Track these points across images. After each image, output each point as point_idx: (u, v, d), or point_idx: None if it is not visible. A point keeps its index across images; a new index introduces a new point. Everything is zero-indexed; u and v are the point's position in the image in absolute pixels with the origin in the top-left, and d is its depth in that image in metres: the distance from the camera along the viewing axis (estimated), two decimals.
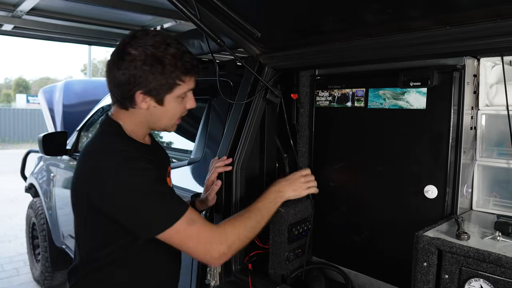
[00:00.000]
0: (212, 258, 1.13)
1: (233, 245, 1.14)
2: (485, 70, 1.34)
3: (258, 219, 1.24)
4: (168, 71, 1.11)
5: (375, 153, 1.49)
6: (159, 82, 1.12)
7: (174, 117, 1.23)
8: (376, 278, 1.50)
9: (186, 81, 1.17)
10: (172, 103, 1.18)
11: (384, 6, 1.22)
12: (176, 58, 1.12)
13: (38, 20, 2.96)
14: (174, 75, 1.13)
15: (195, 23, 1.39)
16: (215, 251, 1.12)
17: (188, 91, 1.21)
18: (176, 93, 1.16)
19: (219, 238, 1.12)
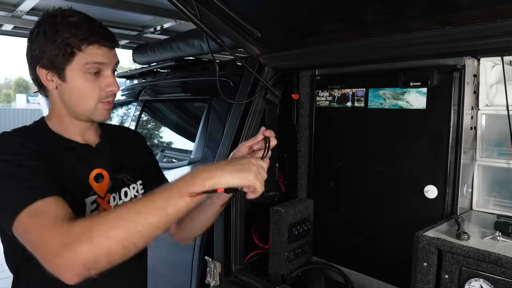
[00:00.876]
0: (55, 265, 0.76)
1: (79, 245, 0.75)
2: (485, 70, 1.34)
3: (147, 213, 0.80)
4: (63, 38, 1.00)
5: (375, 153, 1.49)
6: (54, 51, 1.01)
7: (89, 98, 1.04)
8: (376, 278, 1.50)
9: (87, 51, 1.01)
10: (79, 78, 1.03)
11: (384, 6, 1.22)
12: (73, 26, 1.01)
13: None
14: (70, 41, 1.00)
15: (195, 23, 1.39)
16: (54, 253, 0.76)
17: (95, 65, 1.03)
18: (77, 65, 1.01)
19: (58, 233, 0.77)
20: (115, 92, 1.08)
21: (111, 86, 1.06)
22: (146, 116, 2.94)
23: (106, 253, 0.76)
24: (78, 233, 0.76)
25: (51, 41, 1.01)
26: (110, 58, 1.05)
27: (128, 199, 1.15)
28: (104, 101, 1.07)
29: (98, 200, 1.07)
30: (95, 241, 0.75)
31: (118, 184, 1.14)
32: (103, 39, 1.04)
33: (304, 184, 1.73)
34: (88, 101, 1.05)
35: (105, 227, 0.77)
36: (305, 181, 1.73)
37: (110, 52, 1.05)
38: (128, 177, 1.18)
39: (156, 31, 3.10)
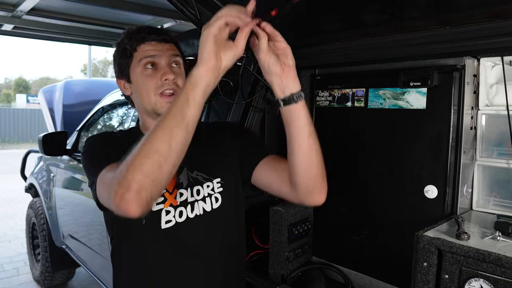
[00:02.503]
0: (113, 205, 0.85)
1: (120, 175, 0.83)
2: (485, 70, 1.34)
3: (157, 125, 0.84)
4: (123, 45, 1.17)
5: (375, 153, 1.49)
6: (119, 60, 1.19)
7: (148, 90, 1.13)
8: (376, 278, 1.50)
9: (139, 49, 1.15)
10: (138, 75, 1.16)
11: (384, 6, 1.22)
12: (131, 34, 1.17)
13: (38, 20, 2.96)
14: (127, 45, 1.16)
15: (195, 23, 1.39)
16: (110, 194, 0.86)
17: (148, 58, 1.14)
18: (135, 64, 1.16)
19: (110, 177, 0.90)
20: (171, 80, 1.12)
21: (166, 74, 1.12)
22: None
23: (140, 170, 0.81)
24: (121, 168, 0.85)
25: (117, 53, 1.20)
26: (161, 50, 1.15)
27: (201, 197, 1.17)
28: (163, 94, 1.13)
29: (166, 194, 1.13)
30: (130, 166, 0.82)
31: (191, 182, 1.18)
32: (150, 34, 1.15)
33: None
34: (148, 94, 1.14)
35: (134, 152, 0.84)
36: None
37: (160, 45, 1.15)
38: (204, 175, 1.20)
39: None
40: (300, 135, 1.02)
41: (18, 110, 20.21)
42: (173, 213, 1.13)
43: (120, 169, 0.85)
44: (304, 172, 1.07)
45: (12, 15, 2.79)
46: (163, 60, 1.15)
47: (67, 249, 3.40)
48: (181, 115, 0.83)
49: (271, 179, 1.18)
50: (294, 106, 0.98)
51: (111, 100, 3.13)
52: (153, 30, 1.18)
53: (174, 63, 1.17)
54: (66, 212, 3.26)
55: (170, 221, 1.12)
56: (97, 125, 3.33)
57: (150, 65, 1.14)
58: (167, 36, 1.19)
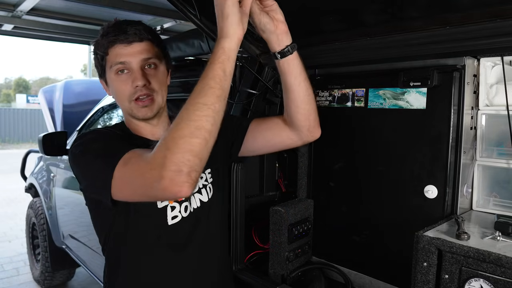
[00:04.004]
0: (161, 190, 0.83)
1: (164, 160, 0.81)
2: (485, 70, 1.34)
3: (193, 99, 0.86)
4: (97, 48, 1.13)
5: (375, 153, 1.49)
6: (96, 62, 1.16)
7: (122, 97, 1.12)
8: (376, 278, 1.50)
9: (110, 52, 1.10)
10: (113, 81, 1.12)
11: (384, 6, 1.22)
12: (104, 35, 1.11)
13: (38, 20, 2.96)
14: (100, 48, 1.12)
15: (195, 23, 1.39)
16: (153, 180, 0.83)
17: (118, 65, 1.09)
18: (108, 68, 1.12)
19: (146, 164, 0.86)
20: (141, 86, 1.09)
21: (135, 81, 1.09)
22: None
23: (187, 150, 0.80)
24: (159, 152, 0.83)
25: (94, 53, 1.15)
26: (130, 54, 1.09)
27: (197, 189, 1.19)
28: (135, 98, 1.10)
29: None
30: (173, 147, 0.81)
31: None
32: (118, 37, 1.08)
33: (304, 184, 1.73)
34: (122, 100, 1.13)
35: (174, 132, 0.82)
36: (305, 181, 1.73)
37: (130, 48, 1.09)
38: None
39: (156, 31, 3.10)
40: (297, 81, 1.14)
41: (18, 110, 20.21)
42: (179, 208, 1.14)
43: (161, 153, 0.82)
44: (305, 116, 1.19)
45: (12, 15, 2.79)
46: (134, 65, 1.10)
47: (67, 249, 3.40)
48: (221, 88, 0.86)
49: (267, 137, 1.28)
50: (290, 56, 1.11)
51: (111, 100, 3.13)
52: (121, 30, 1.08)
53: (147, 64, 1.12)
54: (66, 212, 3.26)
55: (176, 217, 1.14)
56: (97, 125, 3.33)
57: (121, 71, 1.10)
58: (139, 34, 1.10)
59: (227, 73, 0.87)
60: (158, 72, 1.15)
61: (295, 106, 1.18)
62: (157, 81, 1.13)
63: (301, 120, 1.20)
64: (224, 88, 0.87)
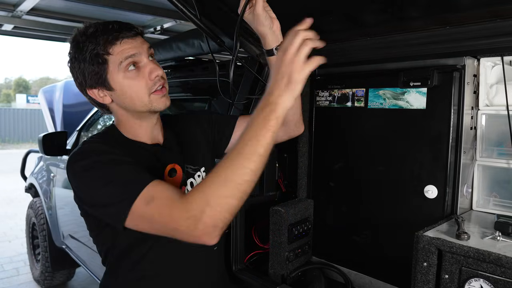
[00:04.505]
0: (192, 237, 0.86)
1: (203, 214, 0.83)
2: (485, 70, 1.34)
3: (241, 163, 0.85)
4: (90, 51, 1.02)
5: (375, 153, 1.49)
6: (89, 68, 1.04)
7: (140, 93, 1.06)
8: (376, 278, 1.50)
9: (114, 51, 1.03)
10: (122, 80, 1.05)
11: (384, 6, 1.22)
12: (93, 36, 1.02)
13: (38, 20, 2.96)
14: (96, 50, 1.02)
15: (195, 23, 1.39)
16: (185, 228, 0.85)
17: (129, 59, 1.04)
18: (114, 68, 1.04)
19: (180, 211, 0.86)
20: (160, 75, 1.07)
21: (153, 71, 1.06)
22: None
23: (226, 209, 0.84)
24: (198, 204, 0.84)
25: (83, 60, 1.04)
26: (138, 46, 1.05)
27: None
28: (155, 91, 1.07)
29: None
30: (214, 205, 0.83)
31: (188, 176, 1.21)
32: (121, 32, 1.03)
33: (304, 184, 1.73)
34: (141, 97, 1.07)
35: (217, 190, 0.84)
36: (305, 181, 1.73)
37: (135, 41, 1.05)
38: (192, 167, 1.23)
39: (156, 31, 3.10)
40: None
41: (18, 110, 20.20)
42: None
43: (199, 207, 0.83)
44: (293, 111, 1.27)
45: (12, 15, 2.79)
46: (144, 57, 1.06)
47: (67, 249, 3.40)
48: (266, 156, 0.87)
49: None
50: None
51: None
52: (122, 25, 1.04)
53: (150, 56, 1.09)
54: (66, 212, 3.26)
55: None
56: (97, 125, 3.33)
57: (133, 65, 1.05)
58: (136, 29, 1.07)
59: (273, 141, 0.89)
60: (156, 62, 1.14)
61: None
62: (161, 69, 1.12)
63: (290, 115, 1.27)
64: (271, 141, 0.88)
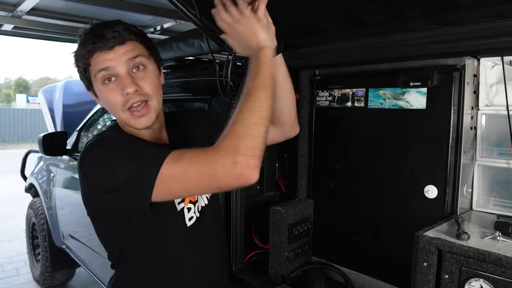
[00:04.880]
0: (233, 177, 0.87)
1: (238, 148, 0.86)
2: (485, 70, 1.34)
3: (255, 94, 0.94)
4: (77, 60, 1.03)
5: (375, 153, 1.49)
6: (80, 74, 1.06)
7: (116, 108, 1.02)
8: (376, 278, 1.50)
9: (92, 61, 1.00)
10: (101, 92, 1.03)
11: (384, 6, 1.22)
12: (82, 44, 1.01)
13: (38, 20, 2.96)
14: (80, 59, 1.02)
15: (195, 23, 1.39)
16: (224, 170, 0.86)
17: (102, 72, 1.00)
18: (94, 79, 1.02)
19: (214, 154, 0.89)
20: (131, 93, 0.99)
21: (124, 88, 0.99)
22: None
23: (258, 135, 0.89)
24: (230, 141, 0.88)
25: (76, 65, 1.05)
26: (114, 59, 0.99)
27: None
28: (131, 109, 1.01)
29: None
30: (245, 135, 0.88)
31: None
32: (95, 44, 0.98)
33: (304, 184, 1.73)
34: (116, 111, 1.03)
35: (243, 121, 0.90)
36: (305, 181, 1.73)
37: (112, 52, 0.99)
38: None
39: (156, 31, 3.10)
40: (284, 78, 1.20)
41: (18, 110, 20.20)
42: (194, 209, 1.15)
43: (232, 142, 0.87)
44: (289, 112, 1.25)
45: (12, 15, 2.78)
46: (120, 69, 1.00)
47: (67, 249, 3.39)
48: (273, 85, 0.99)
49: None
50: (279, 56, 1.16)
51: None
52: (98, 36, 0.99)
53: (135, 67, 1.02)
54: (66, 212, 3.26)
55: (192, 218, 1.14)
56: (97, 125, 3.33)
57: (108, 79, 1.00)
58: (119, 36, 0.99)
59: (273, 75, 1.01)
60: (148, 73, 1.04)
61: (281, 103, 1.21)
62: (149, 83, 1.03)
63: (287, 115, 1.25)
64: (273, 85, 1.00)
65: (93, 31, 1.00)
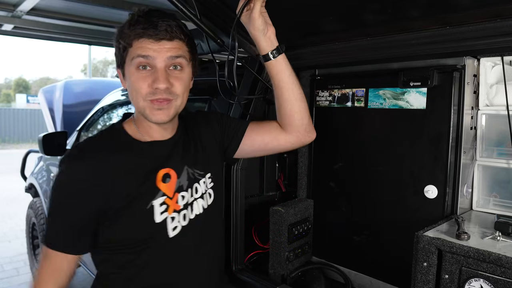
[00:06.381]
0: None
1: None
2: (485, 70, 1.34)
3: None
4: (121, 35, 1.02)
5: (375, 153, 1.49)
6: (117, 49, 1.05)
7: (137, 95, 1.02)
8: (376, 278, 1.50)
9: (135, 44, 1.00)
10: (131, 75, 1.02)
11: (384, 6, 1.22)
12: (134, 23, 1.00)
13: (38, 20, 2.96)
14: (124, 36, 1.01)
15: (195, 23, 1.39)
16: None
17: (140, 59, 1.00)
18: (129, 60, 1.02)
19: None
20: (162, 89, 1.00)
21: (156, 82, 0.99)
22: None
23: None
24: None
25: (115, 39, 1.04)
26: (157, 50, 0.99)
27: (199, 194, 1.15)
28: (151, 99, 1.01)
29: (167, 201, 1.07)
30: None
31: (191, 180, 1.14)
32: (148, 30, 0.98)
33: (304, 184, 1.73)
34: (137, 97, 1.02)
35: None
36: (305, 181, 1.73)
37: (157, 44, 0.99)
38: (198, 171, 1.17)
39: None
40: (291, 79, 1.20)
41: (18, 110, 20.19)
42: (178, 218, 1.09)
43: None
44: (301, 114, 1.23)
45: (12, 15, 2.78)
46: (159, 62, 1.00)
47: None
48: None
49: (265, 140, 1.28)
50: (281, 57, 1.18)
51: (111, 100, 3.13)
52: (151, 23, 0.99)
53: (173, 65, 1.03)
54: None
55: (176, 227, 1.09)
56: (97, 125, 3.33)
57: (142, 67, 1.00)
58: (171, 31, 1.00)
59: None
60: (184, 75, 1.05)
61: (291, 105, 1.21)
62: (181, 84, 1.04)
63: (298, 119, 1.23)
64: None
65: (148, 16, 1.00)
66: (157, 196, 1.05)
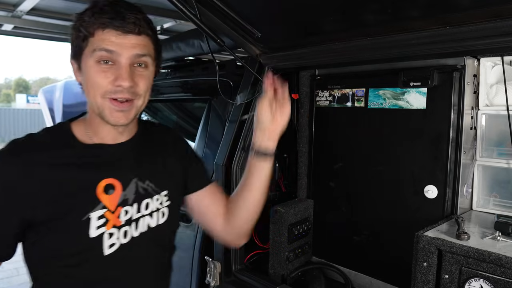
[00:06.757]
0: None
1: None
2: (485, 70, 1.34)
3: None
4: (81, 23, 0.91)
5: (375, 153, 1.49)
6: (74, 38, 0.93)
7: (95, 90, 0.92)
8: (376, 278, 1.50)
9: (97, 35, 0.89)
10: (89, 68, 0.91)
11: (384, 6, 1.22)
12: (96, 11, 0.90)
13: (38, 20, 2.96)
14: (84, 25, 0.90)
15: (195, 23, 1.39)
16: None
17: (102, 52, 0.90)
18: (88, 52, 0.91)
19: None
20: (125, 87, 0.91)
21: (119, 79, 0.90)
22: (146, 116, 2.94)
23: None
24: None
25: (73, 28, 0.93)
26: (122, 45, 0.90)
27: (149, 211, 1.03)
28: (112, 97, 0.92)
29: (107, 214, 0.95)
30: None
31: (140, 194, 1.02)
32: (115, 20, 0.88)
33: (304, 184, 1.73)
34: (94, 94, 0.93)
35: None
36: (305, 181, 1.73)
37: (123, 37, 0.90)
38: (153, 186, 1.05)
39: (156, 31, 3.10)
40: (261, 185, 1.15)
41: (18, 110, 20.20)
42: (117, 235, 0.97)
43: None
44: (248, 220, 1.18)
45: (12, 15, 2.78)
46: (123, 58, 0.90)
47: None
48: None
49: (208, 209, 1.19)
50: (269, 157, 1.14)
51: None
52: (118, 14, 0.89)
53: (138, 63, 0.94)
54: None
55: (114, 244, 0.97)
56: None
57: (104, 62, 0.90)
58: (139, 25, 0.91)
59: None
60: (148, 73, 0.97)
61: (245, 206, 1.15)
62: (145, 83, 0.96)
63: (242, 221, 1.18)
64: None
65: (114, 5, 0.91)
66: (96, 208, 0.94)
